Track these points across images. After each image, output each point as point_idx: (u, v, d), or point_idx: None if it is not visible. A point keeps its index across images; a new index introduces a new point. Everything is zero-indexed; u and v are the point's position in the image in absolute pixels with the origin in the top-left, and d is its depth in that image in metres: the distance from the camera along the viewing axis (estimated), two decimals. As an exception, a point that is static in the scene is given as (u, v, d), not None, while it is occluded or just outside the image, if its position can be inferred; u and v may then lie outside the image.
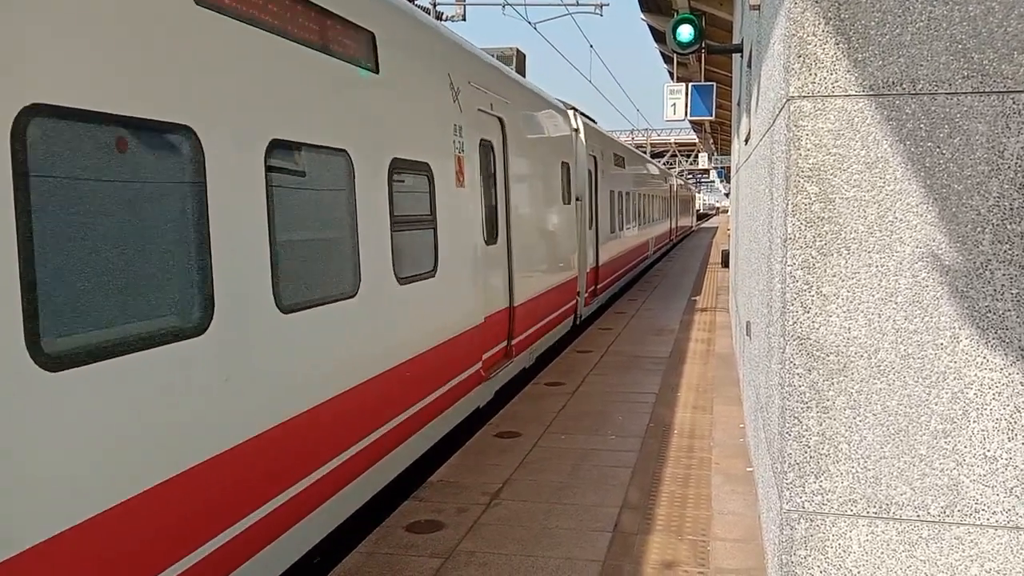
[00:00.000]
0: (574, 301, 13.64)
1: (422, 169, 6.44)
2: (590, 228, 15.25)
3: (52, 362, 2.98)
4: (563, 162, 12.72)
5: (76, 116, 3.13)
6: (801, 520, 3.63)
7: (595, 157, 15.71)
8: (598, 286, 16.36)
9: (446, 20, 19.86)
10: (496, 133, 9.08)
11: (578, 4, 22.25)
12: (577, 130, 14.20)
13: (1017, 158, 3.28)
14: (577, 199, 13.76)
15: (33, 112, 2.93)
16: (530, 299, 10.50)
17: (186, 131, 3.74)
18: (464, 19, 19.92)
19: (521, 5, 20.82)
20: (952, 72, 3.33)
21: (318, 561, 5.46)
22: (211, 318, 3.88)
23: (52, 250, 3.00)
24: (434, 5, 19.93)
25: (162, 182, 3.60)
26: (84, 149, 3.18)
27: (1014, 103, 3.27)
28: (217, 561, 3.89)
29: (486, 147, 8.64)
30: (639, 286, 21.02)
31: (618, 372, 10.41)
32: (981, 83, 3.30)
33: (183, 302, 3.75)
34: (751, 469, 6.45)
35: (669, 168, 60.54)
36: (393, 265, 5.85)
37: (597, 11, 23.10)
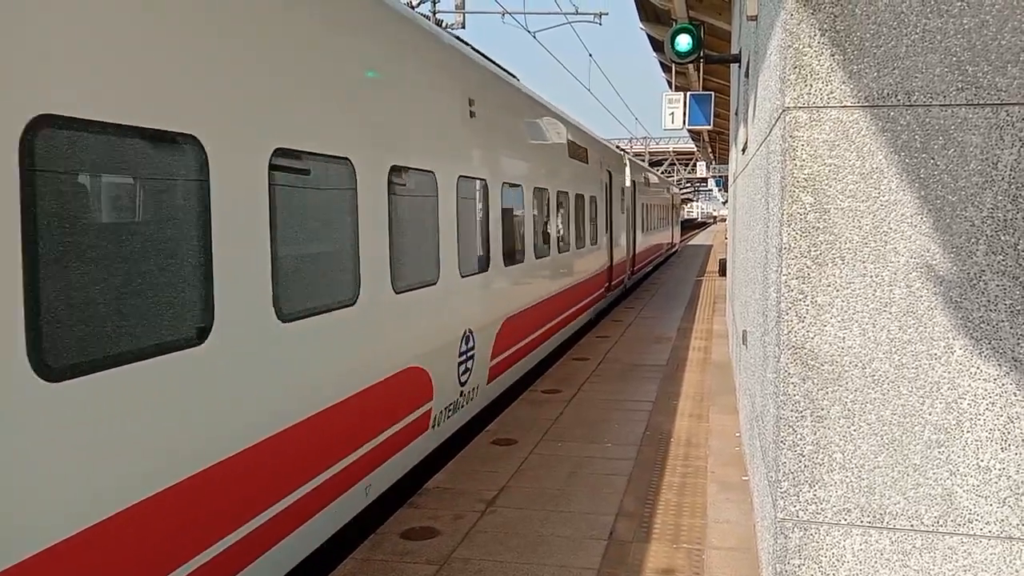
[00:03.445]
0: None
1: None
2: None
3: None
4: None
5: None
6: (795, 529, 3.64)
7: None
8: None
9: (445, 28, 19.94)
10: None
11: (577, 13, 22.35)
12: None
13: (1011, 170, 3.30)
14: None
15: None
16: None
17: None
18: (464, 27, 20.00)
19: (520, 14, 20.89)
20: (947, 84, 3.35)
21: (312, 567, 5.45)
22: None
23: None
24: (434, 13, 20.01)
25: None
26: None
27: (1008, 115, 3.30)
28: None
29: None
30: (636, 295, 21.03)
31: (615, 380, 10.41)
32: (975, 95, 3.33)
33: None
34: (747, 478, 6.46)
35: (667, 176, 57.50)
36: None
37: (596, 20, 23.20)
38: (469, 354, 7.73)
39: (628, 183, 21.37)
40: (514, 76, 10.54)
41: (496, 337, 8.73)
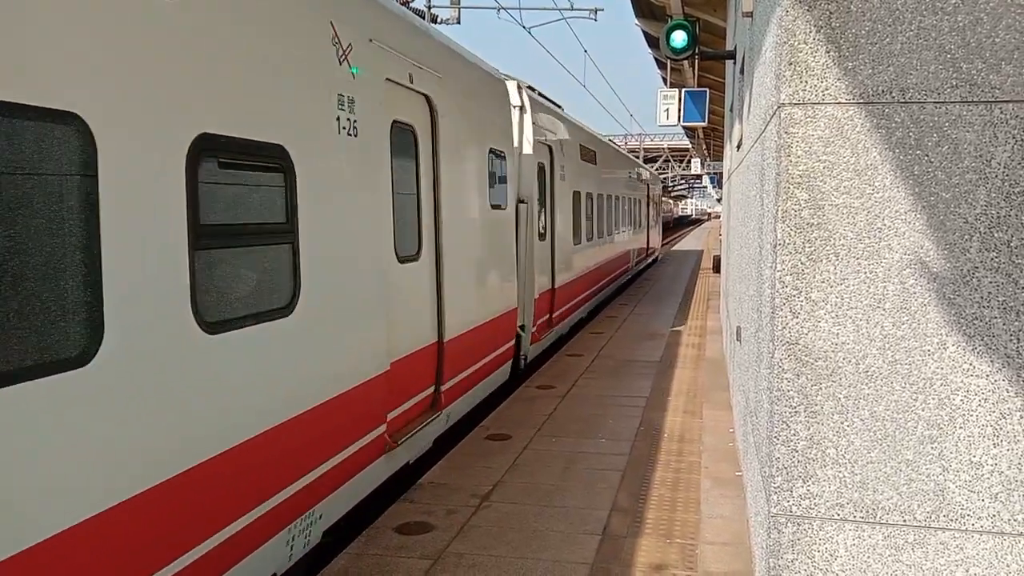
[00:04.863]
0: None
1: None
2: None
3: None
4: None
5: None
6: (788, 524, 3.66)
7: None
8: None
9: (441, 23, 19.91)
10: None
11: (572, 8, 22.34)
12: None
13: (1004, 167, 3.32)
14: None
15: None
16: None
17: None
18: (459, 22, 19.97)
19: (516, 9, 20.89)
20: (941, 81, 3.37)
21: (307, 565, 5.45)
22: None
23: None
24: (429, 8, 19.98)
25: None
26: None
27: (1002, 112, 3.31)
28: None
29: None
30: (630, 291, 21.03)
31: (609, 376, 10.43)
32: (969, 92, 3.34)
33: None
34: (740, 473, 6.48)
35: (660, 173, 56.54)
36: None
37: (591, 16, 23.19)
38: None
39: (528, 149, 10.99)
40: None
41: None
